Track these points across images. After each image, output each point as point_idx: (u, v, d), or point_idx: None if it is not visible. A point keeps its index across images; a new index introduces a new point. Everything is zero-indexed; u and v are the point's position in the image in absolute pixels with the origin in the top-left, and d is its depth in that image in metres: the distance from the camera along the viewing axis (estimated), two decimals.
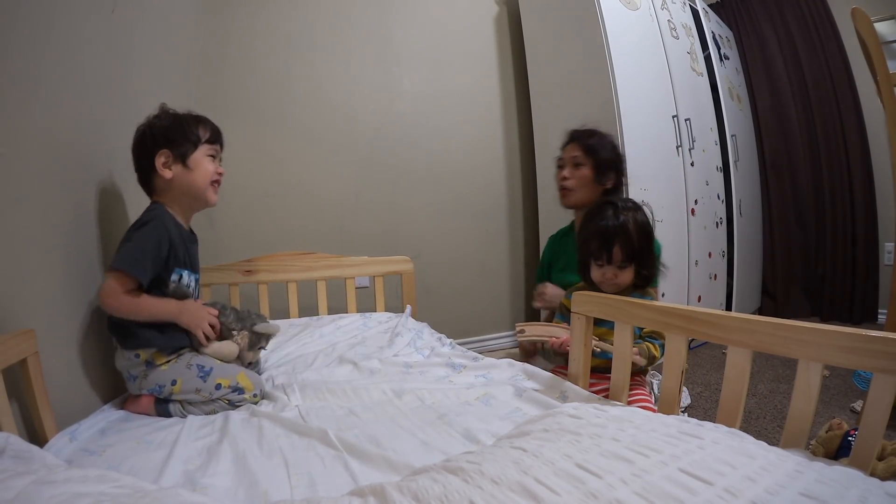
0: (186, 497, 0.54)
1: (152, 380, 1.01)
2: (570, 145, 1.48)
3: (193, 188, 1.09)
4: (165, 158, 1.06)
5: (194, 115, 1.13)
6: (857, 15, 1.45)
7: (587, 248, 1.14)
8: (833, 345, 0.62)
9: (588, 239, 1.14)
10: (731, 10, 3.13)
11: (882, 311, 2.63)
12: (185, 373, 1.02)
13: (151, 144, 1.06)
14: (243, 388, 1.04)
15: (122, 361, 1.03)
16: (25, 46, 0.85)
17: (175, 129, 1.07)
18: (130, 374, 1.02)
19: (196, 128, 1.10)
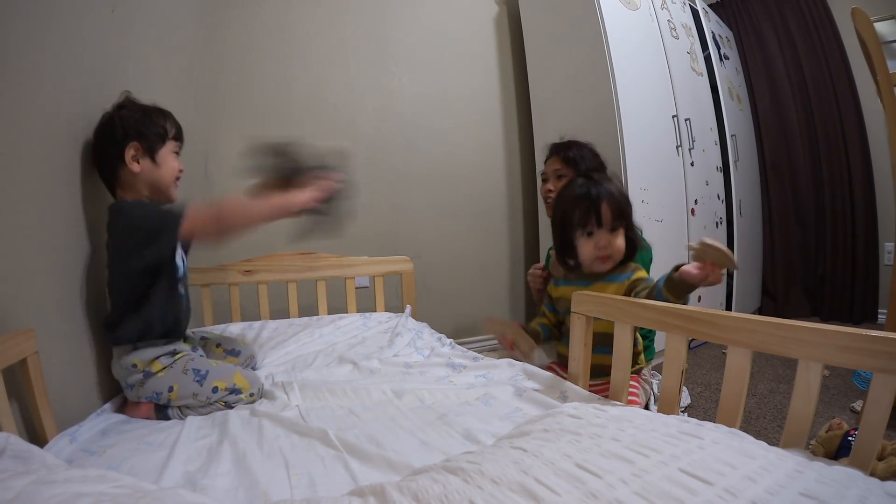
0: (186, 497, 0.54)
1: (150, 388, 1.00)
2: (551, 159, 1.52)
3: (159, 184, 1.07)
4: (135, 151, 1.03)
5: (159, 108, 1.10)
6: (857, 15, 1.45)
7: (569, 220, 1.08)
8: (833, 345, 0.62)
9: (568, 210, 1.08)
10: (730, 10, 3.13)
11: (882, 311, 2.63)
12: (182, 378, 1.02)
13: (122, 136, 1.02)
14: (240, 388, 1.04)
15: (118, 370, 1.03)
16: (25, 46, 0.85)
17: (145, 121, 1.05)
18: (127, 382, 1.02)
19: (164, 122, 1.08)
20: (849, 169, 2.72)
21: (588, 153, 1.48)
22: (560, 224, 1.12)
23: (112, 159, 1.04)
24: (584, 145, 1.49)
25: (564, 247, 1.12)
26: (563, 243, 1.12)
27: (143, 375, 1.01)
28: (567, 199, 1.10)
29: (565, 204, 1.10)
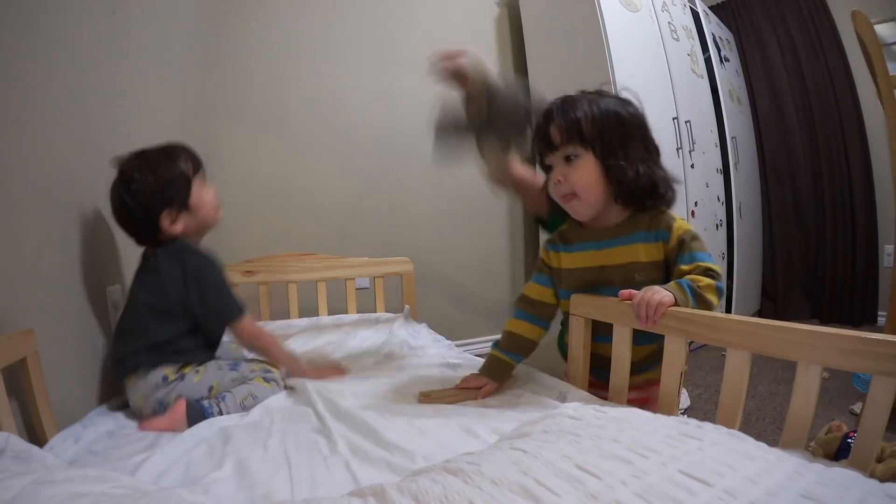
0: (186, 497, 0.54)
1: (185, 392, 0.97)
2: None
3: (204, 223, 1.07)
4: (170, 217, 1.00)
5: (164, 153, 1.02)
6: (858, 17, 1.46)
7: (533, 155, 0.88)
8: (832, 347, 0.62)
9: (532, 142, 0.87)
10: (731, 12, 3.13)
11: (882, 314, 2.63)
12: (219, 374, 1.02)
13: (146, 213, 0.98)
14: (272, 370, 1.08)
15: (144, 392, 0.96)
16: (25, 47, 0.85)
17: (162, 185, 0.99)
18: (158, 401, 0.95)
19: (178, 168, 1.02)
20: (849, 171, 2.72)
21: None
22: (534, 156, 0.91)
23: (149, 231, 1.01)
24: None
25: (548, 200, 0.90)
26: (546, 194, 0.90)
27: (178, 381, 0.97)
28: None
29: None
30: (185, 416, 0.92)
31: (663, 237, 0.84)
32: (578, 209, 0.87)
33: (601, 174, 0.83)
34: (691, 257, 0.81)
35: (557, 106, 0.85)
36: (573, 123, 0.82)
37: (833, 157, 2.79)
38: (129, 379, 0.97)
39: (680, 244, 0.83)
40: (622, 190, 0.84)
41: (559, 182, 0.85)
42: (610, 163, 0.82)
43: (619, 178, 0.83)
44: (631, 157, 0.83)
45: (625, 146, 0.83)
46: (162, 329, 0.99)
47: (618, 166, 0.82)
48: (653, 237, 0.85)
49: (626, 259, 0.87)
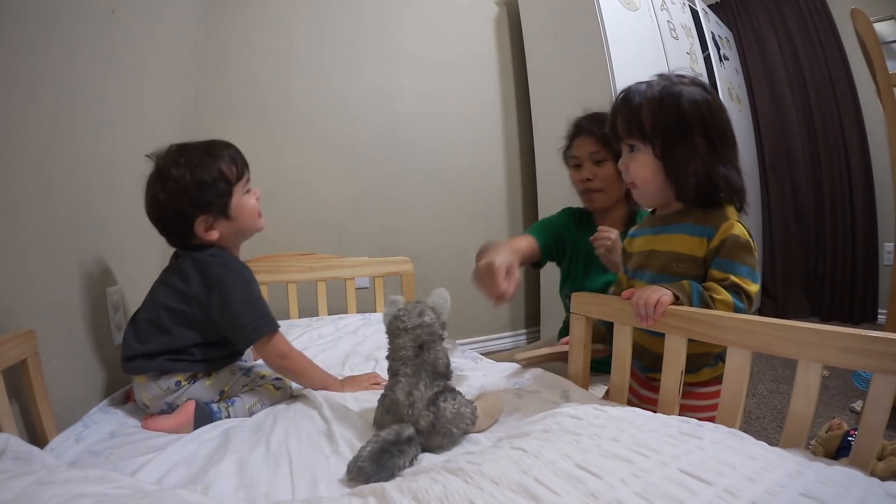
0: (186, 497, 0.54)
1: (195, 396, 0.94)
2: (580, 139, 1.25)
3: (243, 231, 1.01)
4: (205, 223, 0.95)
5: (207, 151, 0.96)
6: (857, 15, 1.46)
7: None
8: (833, 345, 0.62)
9: None
10: (730, 10, 3.13)
11: (882, 312, 2.63)
12: (230, 378, 1.01)
13: (180, 215, 0.93)
14: (282, 378, 1.06)
15: (154, 394, 0.93)
16: (25, 47, 0.85)
17: (202, 188, 0.93)
18: (167, 403, 0.93)
19: (220, 171, 0.95)
20: (848, 169, 2.72)
21: None
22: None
23: (183, 235, 0.96)
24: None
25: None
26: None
27: (190, 384, 0.95)
28: None
29: None
30: (192, 419, 0.91)
31: (709, 234, 0.81)
32: (638, 197, 0.91)
33: (659, 170, 0.83)
34: (728, 265, 0.78)
35: (624, 92, 0.86)
36: (634, 115, 0.83)
37: (833, 155, 2.79)
38: (140, 378, 0.94)
39: (721, 246, 0.79)
40: (679, 188, 0.84)
41: (623, 171, 0.88)
42: (667, 161, 0.82)
43: (675, 176, 0.83)
44: (690, 153, 0.81)
45: (684, 141, 0.81)
46: (182, 335, 0.94)
47: (673, 165, 0.82)
48: (699, 231, 0.82)
49: (670, 247, 0.86)
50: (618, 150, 0.90)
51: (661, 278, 0.85)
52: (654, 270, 0.88)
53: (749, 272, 0.78)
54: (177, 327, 0.94)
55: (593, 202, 1.24)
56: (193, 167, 0.93)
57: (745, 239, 0.79)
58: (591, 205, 1.26)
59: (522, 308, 2.66)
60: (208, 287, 0.94)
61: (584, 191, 1.25)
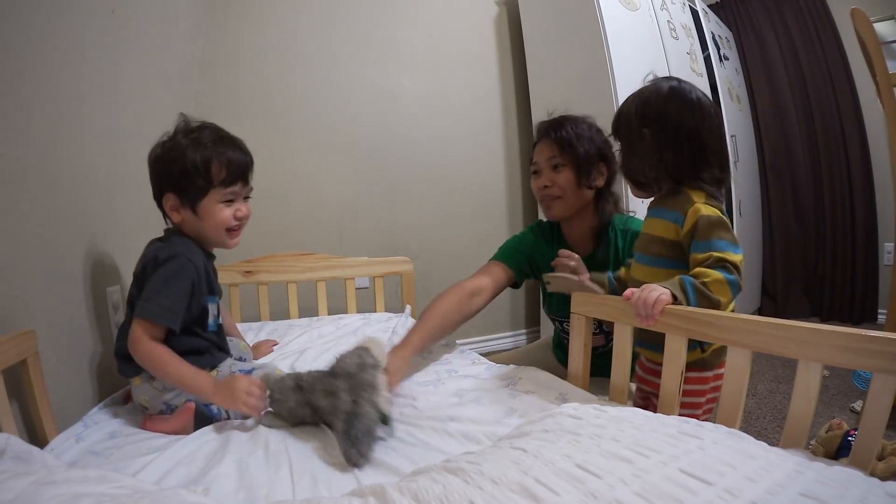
0: (186, 497, 0.54)
1: (195, 398, 0.92)
2: (540, 144, 1.23)
3: (204, 235, 0.98)
4: (172, 202, 0.94)
5: (218, 138, 0.95)
6: (857, 15, 1.46)
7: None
8: (833, 345, 0.62)
9: None
10: (730, 10, 3.13)
11: (882, 311, 2.63)
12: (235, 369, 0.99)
13: (159, 179, 0.94)
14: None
15: (150, 395, 0.92)
16: (25, 48, 0.85)
17: (181, 172, 0.92)
18: (165, 403, 0.92)
19: (208, 168, 0.93)
20: (848, 169, 2.72)
21: (585, 130, 1.18)
22: None
23: (157, 197, 0.96)
24: (581, 119, 1.20)
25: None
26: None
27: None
28: None
29: None
30: (192, 421, 0.90)
31: (677, 220, 0.86)
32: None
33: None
34: (707, 245, 0.81)
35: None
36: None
37: (833, 154, 2.79)
38: (135, 380, 0.93)
39: (694, 230, 0.82)
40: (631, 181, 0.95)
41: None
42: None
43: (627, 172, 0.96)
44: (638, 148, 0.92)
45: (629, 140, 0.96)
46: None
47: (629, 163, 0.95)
48: (670, 216, 0.88)
49: (651, 230, 0.93)
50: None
51: (641, 257, 0.95)
52: (638, 250, 0.96)
53: (728, 244, 0.80)
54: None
55: (551, 210, 1.20)
56: (196, 146, 0.92)
57: (717, 216, 0.82)
58: (549, 213, 1.21)
59: (522, 308, 2.66)
60: (143, 265, 0.93)
61: (542, 199, 1.21)
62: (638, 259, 0.96)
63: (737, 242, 0.82)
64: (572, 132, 1.16)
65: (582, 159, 1.15)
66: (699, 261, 0.81)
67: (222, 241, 1.00)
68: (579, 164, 1.15)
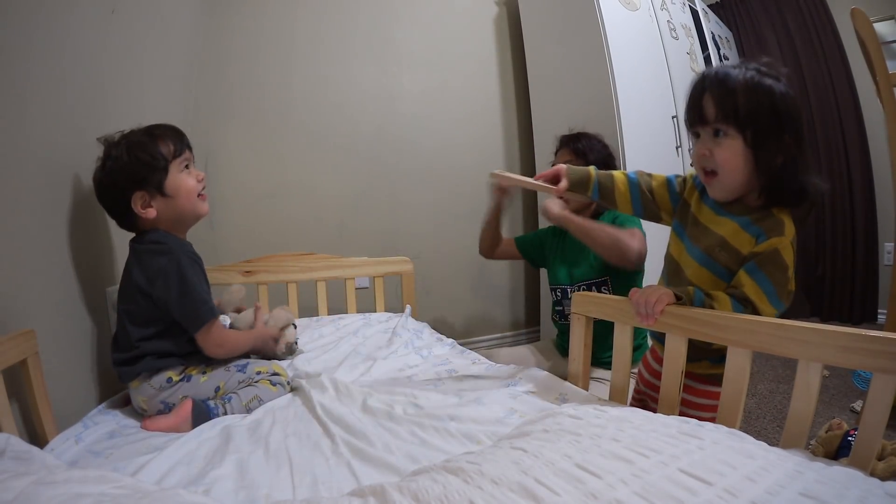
0: (186, 497, 0.54)
1: (192, 393, 0.96)
2: (561, 150, 1.50)
3: (182, 212, 1.00)
4: (142, 200, 0.95)
5: (146, 132, 0.98)
6: (857, 15, 1.46)
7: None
8: (833, 345, 0.62)
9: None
10: (730, 10, 3.13)
11: (882, 311, 2.63)
12: (225, 375, 1.02)
13: (118, 192, 0.94)
14: (279, 374, 1.07)
15: (146, 393, 0.95)
16: (25, 47, 0.85)
17: (135, 164, 0.94)
18: (163, 402, 0.95)
19: (156, 149, 0.96)
20: (848, 169, 2.73)
21: (597, 144, 1.48)
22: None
23: (124, 212, 0.97)
24: (594, 136, 1.50)
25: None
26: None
27: (183, 382, 0.97)
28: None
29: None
30: (190, 417, 0.92)
31: (758, 235, 0.79)
32: (715, 188, 0.83)
33: (748, 160, 0.78)
34: (756, 273, 0.77)
35: (716, 73, 0.80)
36: (729, 100, 0.77)
37: (833, 154, 2.79)
38: (133, 383, 0.96)
39: (761, 255, 0.77)
40: (769, 181, 0.78)
41: (704, 155, 0.81)
42: (759, 153, 0.77)
43: (765, 170, 0.78)
44: (779, 148, 0.77)
45: (776, 135, 0.77)
46: (148, 333, 0.95)
47: (765, 157, 0.77)
48: (753, 230, 0.79)
49: (723, 231, 0.83)
50: (696, 132, 0.83)
51: (704, 258, 0.84)
52: (701, 249, 0.85)
53: (774, 294, 0.77)
54: (139, 329, 0.95)
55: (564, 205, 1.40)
56: (131, 146, 0.95)
57: (785, 260, 0.76)
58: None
59: (522, 308, 2.66)
60: (149, 279, 0.95)
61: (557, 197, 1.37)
62: (700, 259, 0.85)
63: (782, 297, 0.78)
64: (586, 144, 1.45)
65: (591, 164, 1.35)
66: (737, 281, 0.78)
67: (197, 208, 1.02)
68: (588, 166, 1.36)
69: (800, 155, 0.78)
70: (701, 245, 0.86)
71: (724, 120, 0.77)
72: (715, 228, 0.84)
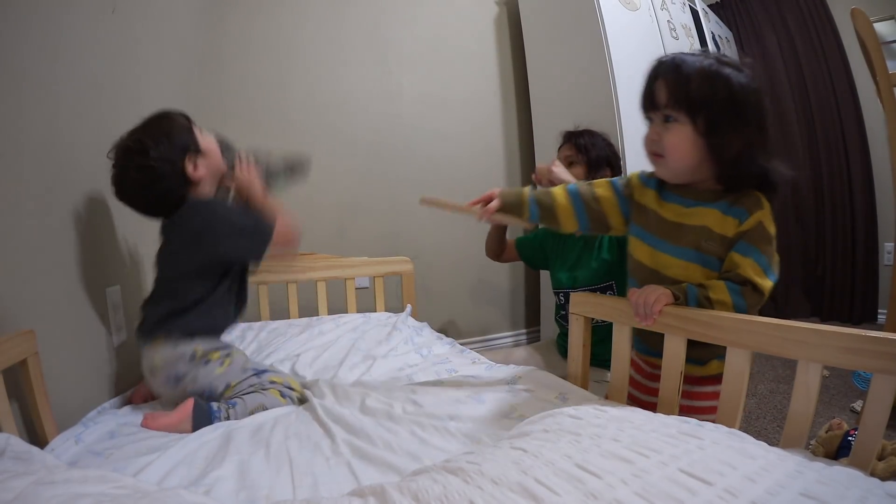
0: (187, 497, 0.54)
1: (203, 381, 0.98)
2: (563, 146, 1.51)
3: (215, 166, 1.08)
4: (192, 162, 1.01)
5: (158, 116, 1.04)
6: (857, 15, 1.46)
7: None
8: (832, 345, 0.62)
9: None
10: (730, 10, 3.13)
11: (882, 312, 2.63)
12: (240, 375, 1.02)
13: (171, 166, 0.98)
14: (293, 387, 1.05)
15: (166, 357, 0.97)
16: (25, 47, 0.85)
17: (177, 135, 1.00)
18: (176, 373, 0.97)
19: (179, 120, 1.04)
20: (848, 169, 2.72)
21: (601, 141, 1.49)
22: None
23: (178, 190, 1.01)
24: (597, 134, 1.51)
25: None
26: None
27: (202, 364, 0.99)
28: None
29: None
30: (191, 417, 0.92)
31: (740, 216, 0.79)
32: (660, 170, 0.85)
33: (698, 146, 0.78)
34: (750, 250, 0.78)
35: (670, 60, 0.81)
36: (680, 86, 0.77)
37: (833, 154, 2.79)
38: (157, 340, 0.98)
39: (749, 232, 0.78)
40: (723, 169, 0.80)
41: (653, 140, 0.82)
42: (712, 139, 0.77)
43: (719, 157, 0.79)
44: (736, 136, 0.77)
45: (732, 123, 0.77)
46: (187, 291, 1.01)
47: (719, 144, 0.77)
48: (733, 212, 0.80)
49: (702, 222, 0.82)
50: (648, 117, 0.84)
51: (688, 253, 0.83)
52: (682, 244, 0.84)
53: (766, 264, 0.78)
54: (183, 286, 1.01)
55: None
56: (160, 127, 1.00)
57: (770, 232, 0.78)
58: None
59: (522, 308, 2.66)
60: (197, 238, 1.00)
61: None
62: (680, 254, 0.84)
63: (773, 266, 0.79)
64: (589, 140, 1.47)
65: (593, 161, 1.45)
66: (733, 262, 0.79)
67: (221, 162, 1.11)
68: (590, 163, 1.45)
69: (761, 144, 0.78)
70: (683, 242, 0.84)
71: (674, 106, 0.78)
72: (692, 221, 0.83)
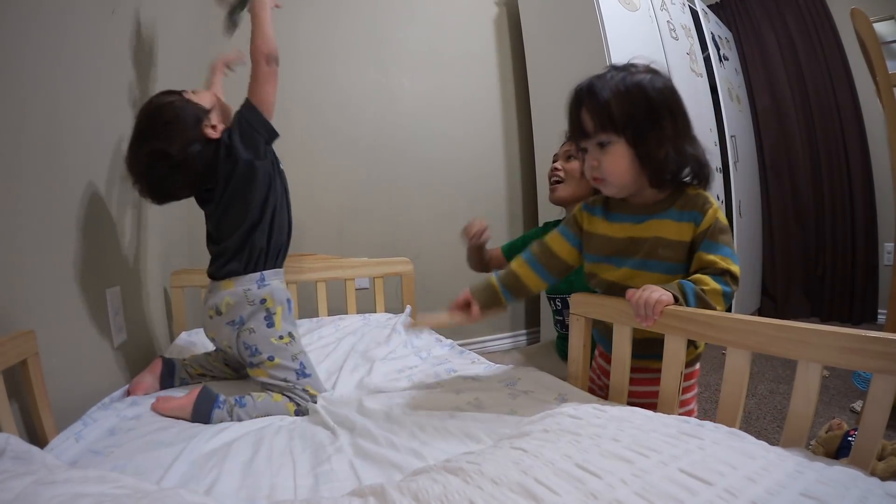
0: (187, 497, 0.54)
1: (257, 339, 1.02)
2: (564, 144, 1.47)
3: (224, 107, 1.17)
4: (208, 126, 1.07)
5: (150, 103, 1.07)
6: (857, 15, 1.46)
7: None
8: (832, 345, 0.62)
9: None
10: (730, 11, 3.13)
11: (882, 312, 2.63)
12: (289, 363, 1.04)
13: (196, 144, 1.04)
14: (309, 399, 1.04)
15: (240, 297, 1.03)
16: (25, 48, 0.85)
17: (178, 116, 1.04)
18: (240, 314, 1.03)
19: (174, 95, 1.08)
20: (848, 169, 2.73)
21: None
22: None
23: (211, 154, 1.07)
24: None
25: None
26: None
27: (264, 315, 1.04)
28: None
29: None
30: (194, 402, 0.95)
31: (695, 219, 0.82)
32: (608, 191, 0.88)
33: (633, 159, 0.82)
34: (715, 247, 0.81)
35: (587, 88, 0.84)
36: (603, 110, 0.81)
37: (832, 154, 2.79)
38: (229, 281, 1.04)
39: (709, 231, 0.82)
40: (653, 174, 0.83)
41: (593, 166, 0.85)
42: (640, 150, 0.81)
43: (649, 163, 0.82)
44: (661, 139, 0.81)
45: (655, 128, 0.81)
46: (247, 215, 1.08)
47: (647, 152, 0.81)
48: (686, 217, 0.83)
49: (655, 233, 0.85)
50: (583, 148, 0.87)
51: (648, 264, 0.86)
52: (639, 256, 0.87)
53: (733, 254, 0.82)
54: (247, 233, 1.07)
55: (556, 192, 1.40)
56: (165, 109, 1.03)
57: (725, 224, 0.83)
58: (552, 195, 1.42)
59: (522, 309, 2.66)
60: (228, 175, 1.07)
61: (550, 179, 1.43)
62: (638, 266, 0.87)
63: (735, 252, 0.83)
64: None
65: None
66: (706, 261, 0.81)
67: (222, 101, 1.22)
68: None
69: (682, 137, 0.83)
70: (640, 254, 0.87)
71: (603, 130, 0.82)
72: (646, 234, 0.86)
